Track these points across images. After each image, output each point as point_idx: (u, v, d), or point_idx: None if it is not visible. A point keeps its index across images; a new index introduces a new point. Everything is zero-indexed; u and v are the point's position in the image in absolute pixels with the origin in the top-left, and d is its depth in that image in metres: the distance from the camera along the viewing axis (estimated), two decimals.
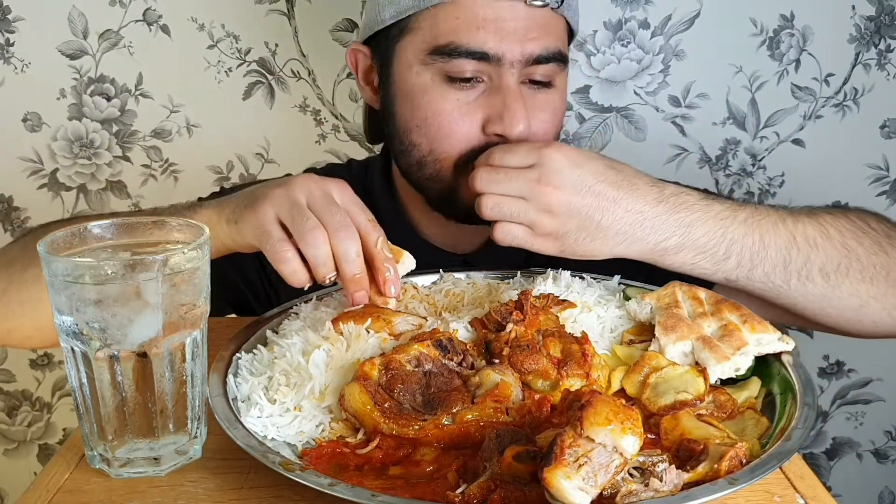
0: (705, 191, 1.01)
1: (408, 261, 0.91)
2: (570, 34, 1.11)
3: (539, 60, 1.01)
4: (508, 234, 0.93)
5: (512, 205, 0.92)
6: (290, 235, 0.85)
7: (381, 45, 1.08)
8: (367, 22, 1.09)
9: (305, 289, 0.87)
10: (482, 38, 0.98)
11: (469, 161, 1.02)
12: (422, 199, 1.13)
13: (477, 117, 1.02)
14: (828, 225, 0.98)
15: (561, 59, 1.04)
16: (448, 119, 1.02)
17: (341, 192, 0.88)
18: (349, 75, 1.58)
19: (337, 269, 0.84)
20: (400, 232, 1.16)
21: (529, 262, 1.05)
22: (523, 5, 0.99)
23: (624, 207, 0.92)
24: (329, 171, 1.29)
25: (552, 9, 1.01)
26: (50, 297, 0.69)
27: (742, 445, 0.66)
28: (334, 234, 0.83)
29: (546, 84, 1.04)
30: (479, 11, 0.98)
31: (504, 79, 1.00)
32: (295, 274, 0.84)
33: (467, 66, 1.00)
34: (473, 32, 0.98)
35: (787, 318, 1.05)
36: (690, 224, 0.93)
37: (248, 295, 1.20)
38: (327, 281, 0.85)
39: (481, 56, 0.99)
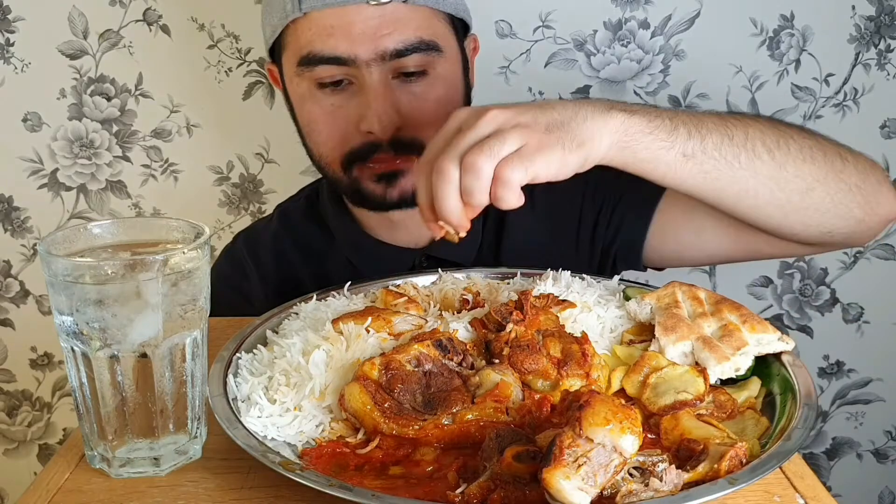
0: None
1: None
2: (458, 20, 1.12)
3: (401, 54, 1.04)
4: (513, 174, 0.77)
5: (492, 145, 0.77)
6: None
7: (277, 61, 1.15)
8: (265, 41, 1.16)
9: None
10: (333, 44, 1.04)
11: (354, 159, 1.10)
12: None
13: (350, 118, 1.08)
14: (750, 117, 0.97)
15: (427, 47, 1.06)
16: (324, 123, 1.10)
17: None
18: None
19: None
20: (356, 241, 1.22)
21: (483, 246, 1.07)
22: (368, 5, 1.02)
23: (584, 104, 0.84)
24: (295, 202, 1.33)
25: (404, 2, 1.03)
26: (50, 297, 0.69)
27: (742, 445, 0.66)
28: None
29: (420, 73, 1.07)
30: (327, 20, 1.04)
31: (365, 78, 1.05)
32: None
33: (330, 72, 1.06)
34: (325, 39, 1.04)
35: (744, 236, 1.06)
36: (633, 112, 0.85)
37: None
38: None
39: (337, 60, 1.04)
